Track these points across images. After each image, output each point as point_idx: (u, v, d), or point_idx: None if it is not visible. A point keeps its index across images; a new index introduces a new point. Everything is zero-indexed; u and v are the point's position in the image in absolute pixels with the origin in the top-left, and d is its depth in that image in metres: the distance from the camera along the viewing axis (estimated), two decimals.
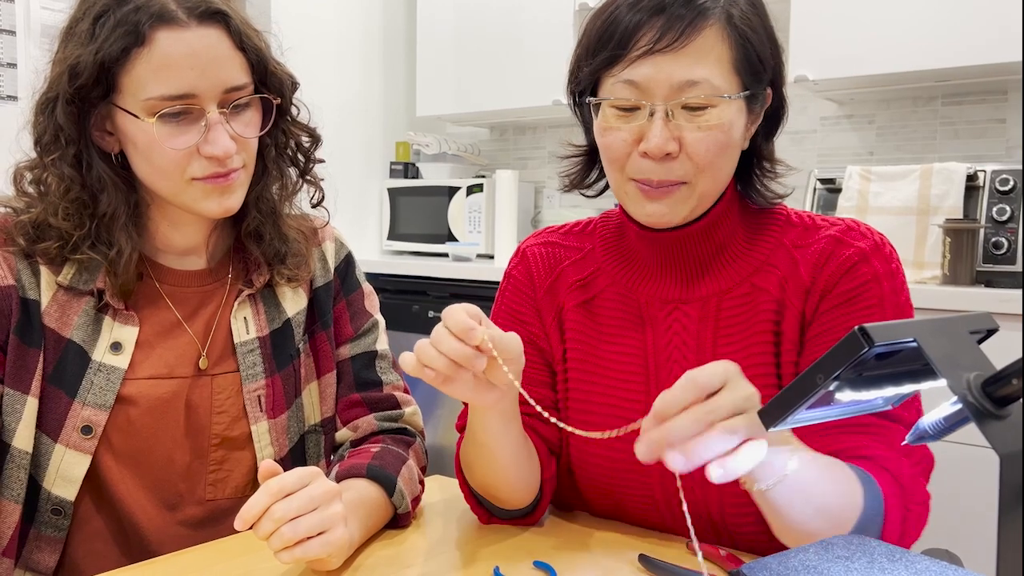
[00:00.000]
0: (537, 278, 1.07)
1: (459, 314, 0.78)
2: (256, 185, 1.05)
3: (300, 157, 1.11)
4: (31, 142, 0.99)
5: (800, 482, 0.77)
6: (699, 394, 0.70)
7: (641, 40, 0.89)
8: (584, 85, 0.96)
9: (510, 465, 0.95)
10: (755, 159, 1.00)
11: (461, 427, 1.02)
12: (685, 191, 0.93)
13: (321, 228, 1.17)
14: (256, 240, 1.08)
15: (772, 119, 1.00)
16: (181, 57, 0.92)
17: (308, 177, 1.12)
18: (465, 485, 1.02)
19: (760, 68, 0.93)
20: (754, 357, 0.94)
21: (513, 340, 0.81)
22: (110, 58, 0.91)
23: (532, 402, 0.84)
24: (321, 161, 1.13)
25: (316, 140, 1.12)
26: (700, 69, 0.88)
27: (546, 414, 0.84)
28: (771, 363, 0.94)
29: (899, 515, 0.85)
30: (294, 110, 1.08)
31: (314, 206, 1.15)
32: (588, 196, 1.09)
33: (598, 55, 0.92)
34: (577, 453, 1.02)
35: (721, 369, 0.71)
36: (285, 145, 1.08)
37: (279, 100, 1.02)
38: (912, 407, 0.90)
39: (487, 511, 1.01)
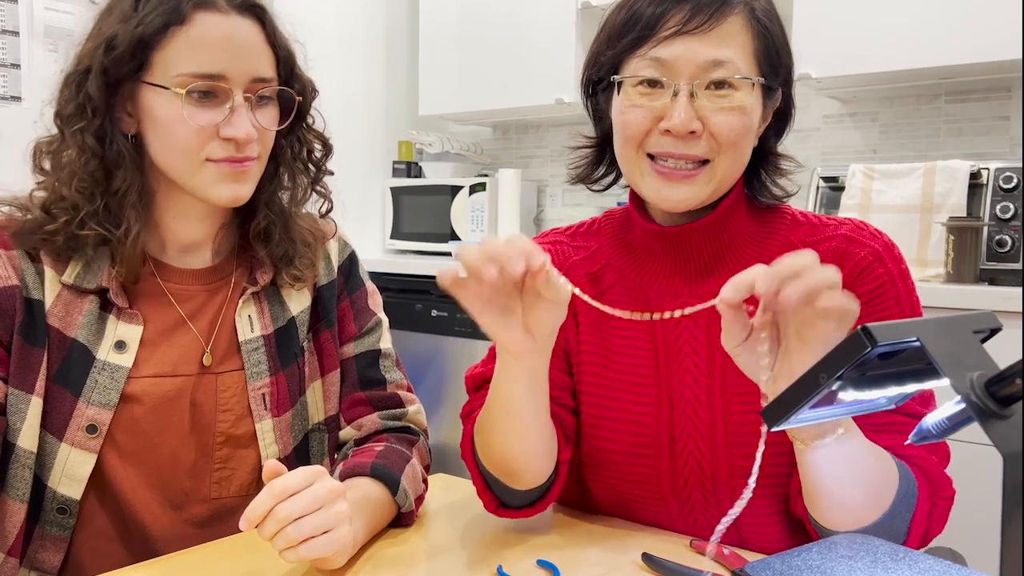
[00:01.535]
0: None
1: (525, 239, 0.77)
2: (268, 186, 1.07)
3: (311, 167, 1.12)
4: (37, 137, 1.01)
5: (846, 448, 0.79)
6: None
7: (669, 22, 0.91)
8: (604, 71, 0.98)
9: (531, 431, 0.91)
10: (764, 155, 1.01)
11: (466, 414, 1.01)
12: (707, 173, 0.94)
13: (329, 234, 1.18)
14: (264, 241, 1.08)
15: (780, 119, 1.01)
16: (217, 39, 0.95)
17: (318, 188, 1.14)
18: (475, 467, 0.99)
19: (778, 61, 0.95)
20: None
21: (565, 285, 0.80)
22: (149, 33, 0.94)
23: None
24: (331, 173, 1.15)
25: (328, 150, 1.14)
26: (726, 51, 0.91)
27: None
28: None
29: (927, 507, 0.88)
30: (309, 119, 1.10)
31: (322, 216, 1.16)
32: (594, 190, 1.09)
33: (623, 39, 0.94)
34: (588, 441, 1.02)
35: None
36: (299, 151, 1.10)
37: (301, 99, 1.05)
38: (932, 405, 0.92)
39: (496, 498, 0.99)
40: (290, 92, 1.03)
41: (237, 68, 0.96)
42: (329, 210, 1.16)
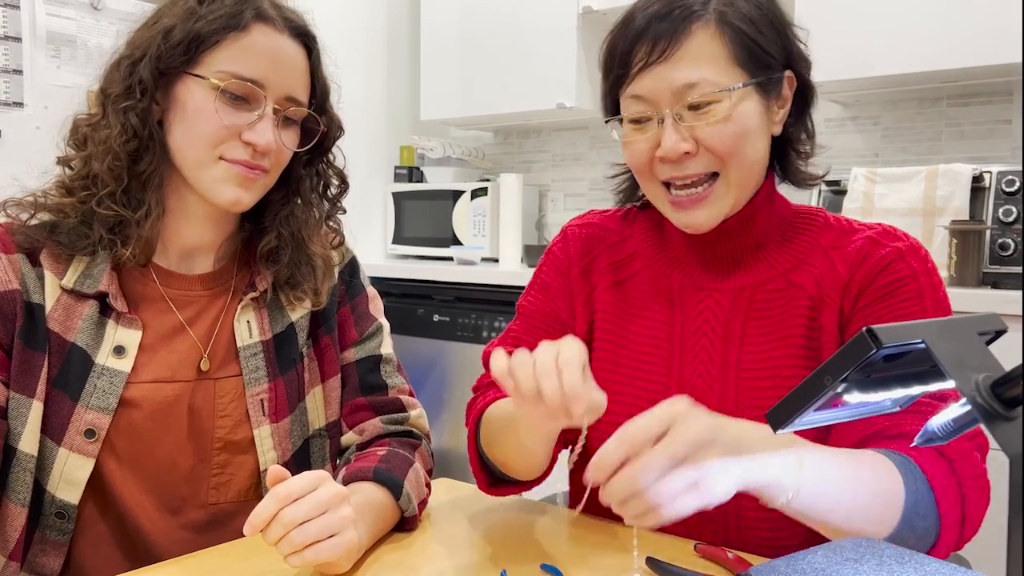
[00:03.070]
0: (574, 257, 1.11)
1: (575, 373, 0.75)
2: (281, 209, 1.09)
3: (325, 203, 1.15)
4: (51, 143, 1.05)
5: (821, 486, 0.77)
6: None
7: (638, 55, 0.94)
8: (608, 111, 1.02)
9: (536, 453, 0.96)
10: (786, 141, 1.02)
11: (478, 387, 1.03)
12: (721, 186, 0.95)
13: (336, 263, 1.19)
14: (272, 261, 1.09)
15: (800, 100, 1.02)
16: (265, 49, 1.00)
17: (330, 223, 1.16)
18: (474, 449, 1.03)
19: (766, 57, 0.96)
20: (784, 350, 0.97)
21: (602, 401, 0.80)
22: (206, 32, 0.98)
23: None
24: (344, 211, 1.18)
25: (345, 188, 1.17)
26: (696, 71, 0.92)
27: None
28: (802, 356, 0.96)
29: (954, 493, 0.84)
30: (330, 156, 1.13)
31: (333, 248, 1.17)
32: (641, 209, 1.13)
33: (608, 78, 0.99)
34: (600, 439, 1.02)
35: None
36: (316, 184, 1.13)
37: (325, 129, 1.08)
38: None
39: (490, 477, 1.03)
40: (317, 120, 1.06)
41: (275, 81, 1.00)
42: (340, 243, 1.18)
